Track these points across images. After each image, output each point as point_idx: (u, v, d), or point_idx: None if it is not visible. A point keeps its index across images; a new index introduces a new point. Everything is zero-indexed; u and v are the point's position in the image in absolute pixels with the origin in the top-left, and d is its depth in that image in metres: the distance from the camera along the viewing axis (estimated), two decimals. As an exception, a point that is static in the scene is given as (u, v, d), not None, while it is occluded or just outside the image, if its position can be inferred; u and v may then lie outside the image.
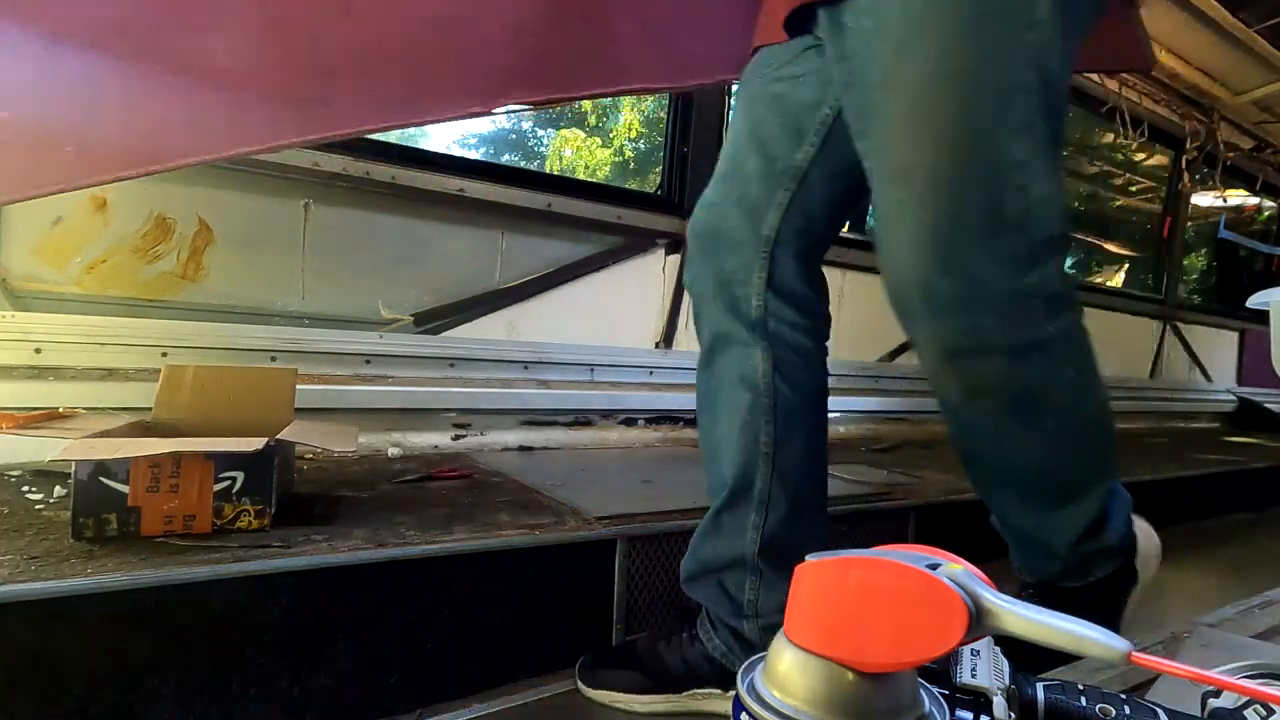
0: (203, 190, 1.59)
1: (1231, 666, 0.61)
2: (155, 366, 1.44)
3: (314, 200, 1.72)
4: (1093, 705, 0.49)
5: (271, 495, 0.92)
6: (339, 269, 1.75)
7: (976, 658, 0.50)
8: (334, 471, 1.35)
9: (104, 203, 1.49)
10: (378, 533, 0.95)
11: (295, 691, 0.83)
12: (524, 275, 2.02)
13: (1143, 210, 4.82)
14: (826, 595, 0.40)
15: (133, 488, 0.85)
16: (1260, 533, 2.25)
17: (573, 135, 3.60)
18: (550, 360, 2.02)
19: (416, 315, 1.86)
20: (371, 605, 0.88)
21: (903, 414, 2.79)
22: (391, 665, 0.89)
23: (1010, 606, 0.38)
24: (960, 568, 0.40)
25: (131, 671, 0.75)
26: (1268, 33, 3.10)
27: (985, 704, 0.47)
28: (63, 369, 1.41)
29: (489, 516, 1.08)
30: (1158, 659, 0.37)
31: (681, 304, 2.32)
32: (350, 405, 1.63)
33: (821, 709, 0.39)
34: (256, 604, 0.81)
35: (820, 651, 0.40)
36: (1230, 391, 4.56)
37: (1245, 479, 2.51)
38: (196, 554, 0.82)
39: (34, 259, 1.44)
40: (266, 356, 1.61)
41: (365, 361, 1.74)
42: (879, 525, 1.42)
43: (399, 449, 1.62)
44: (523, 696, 0.93)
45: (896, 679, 0.41)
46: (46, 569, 0.75)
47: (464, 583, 0.95)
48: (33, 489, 1.07)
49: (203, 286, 1.61)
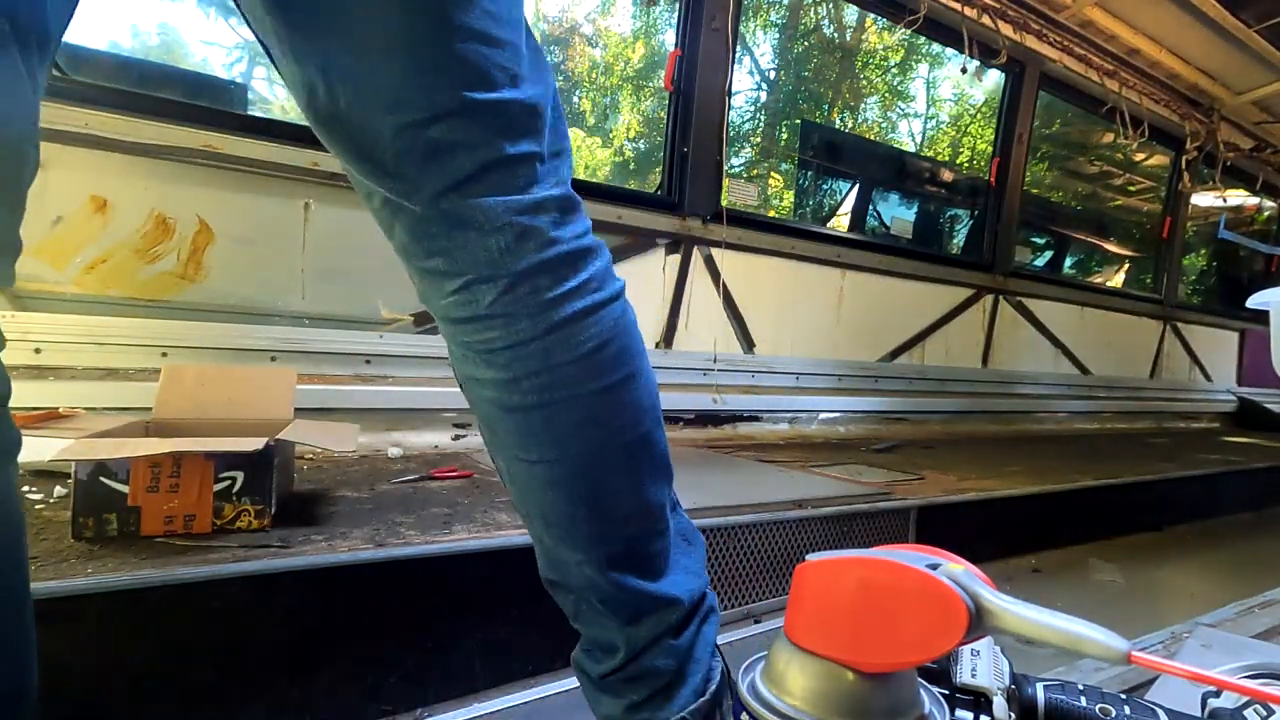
0: (203, 190, 1.59)
1: (1231, 666, 0.61)
2: (155, 366, 1.45)
3: (314, 200, 1.72)
4: (1093, 705, 0.49)
5: (271, 495, 0.92)
6: (339, 269, 1.75)
7: (976, 658, 0.50)
8: (334, 471, 1.35)
9: (104, 203, 1.49)
10: (378, 533, 0.95)
11: (295, 691, 0.83)
12: (524, 275, 2.02)
13: (1143, 210, 4.82)
14: (826, 595, 0.40)
15: (133, 487, 0.85)
16: (1260, 533, 2.25)
17: (573, 135, 3.60)
18: (550, 360, 2.02)
19: (416, 315, 1.86)
20: (371, 605, 0.88)
21: (903, 414, 2.79)
22: (391, 665, 0.89)
23: (1010, 606, 0.38)
24: (960, 568, 0.40)
25: (132, 671, 0.75)
26: (1268, 33, 3.11)
27: (985, 704, 0.47)
28: (63, 369, 1.41)
29: (489, 516, 1.08)
30: (1158, 659, 0.37)
31: (681, 304, 2.32)
32: (350, 405, 1.63)
33: (821, 709, 0.39)
34: (256, 604, 0.81)
35: (820, 651, 0.40)
36: (1230, 391, 4.56)
37: (1245, 479, 2.51)
38: (196, 554, 0.82)
39: (34, 259, 1.44)
40: (266, 356, 1.61)
41: (365, 361, 1.74)
42: (879, 525, 1.42)
43: (399, 449, 1.62)
44: (523, 696, 0.93)
45: (896, 679, 0.41)
46: (46, 569, 0.75)
47: (464, 583, 0.95)
48: (33, 489, 1.07)
49: (203, 286, 1.60)
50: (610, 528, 0.59)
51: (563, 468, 0.57)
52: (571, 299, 0.55)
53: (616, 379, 0.57)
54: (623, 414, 0.58)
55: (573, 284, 0.55)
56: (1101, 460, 2.43)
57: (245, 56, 4.81)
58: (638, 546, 0.60)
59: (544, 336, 0.54)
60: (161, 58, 3.53)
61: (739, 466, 1.76)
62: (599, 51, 14.38)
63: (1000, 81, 3.36)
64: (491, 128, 0.52)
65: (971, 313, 3.20)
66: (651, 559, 0.61)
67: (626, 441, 0.58)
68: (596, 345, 0.56)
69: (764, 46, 12.27)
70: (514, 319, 0.54)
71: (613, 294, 0.58)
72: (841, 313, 2.77)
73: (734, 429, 2.32)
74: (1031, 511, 1.76)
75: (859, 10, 5.01)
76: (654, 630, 0.60)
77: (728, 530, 1.20)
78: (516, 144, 0.53)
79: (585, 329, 0.56)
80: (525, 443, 0.57)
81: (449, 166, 0.52)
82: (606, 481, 0.58)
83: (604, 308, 0.57)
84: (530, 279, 0.54)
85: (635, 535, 0.60)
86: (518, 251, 0.53)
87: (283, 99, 6.20)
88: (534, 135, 0.55)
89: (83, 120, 1.44)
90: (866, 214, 3.73)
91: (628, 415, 0.58)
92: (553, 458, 0.57)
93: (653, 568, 0.61)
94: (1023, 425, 3.26)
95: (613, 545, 0.59)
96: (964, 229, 3.94)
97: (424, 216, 0.54)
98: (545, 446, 0.57)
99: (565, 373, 0.55)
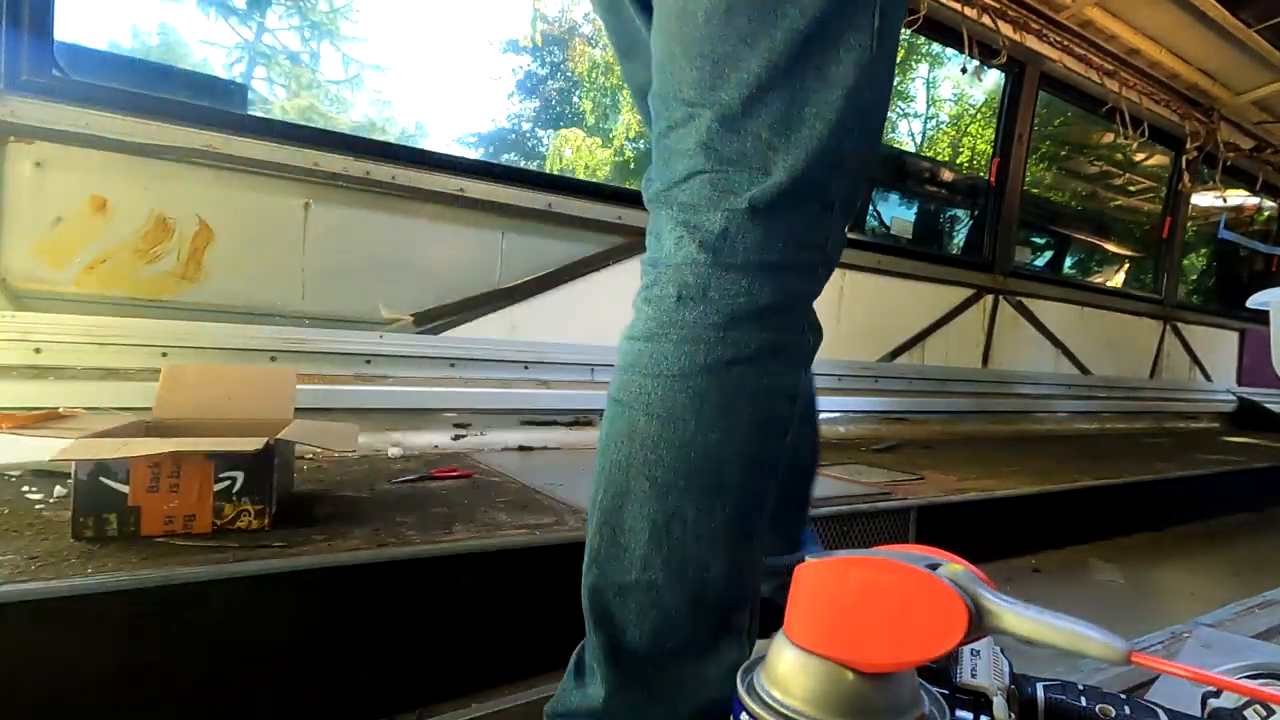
0: (203, 190, 1.59)
1: (1231, 666, 0.61)
2: (155, 366, 1.45)
3: (314, 200, 1.71)
4: (1093, 705, 0.49)
5: (271, 495, 0.92)
6: (339, 269, 1.75)
7: (976, 658, 0.50)
8: (334, 471, 1.35)
9: (104, 203, 1.49)
10: (378, 533, 0.95)
11: (295, 691, 0.83)
12: (524, 275, 2.02)
13: (1143, 210, 4.82)
14: (826, 595, 0.40)
15: (133, 487, 0.85)
16: (1260, 533, 2.25)
17: (573, 135, 3.59)
18: (550, 360, 2.02)
19: (416, 315, 1.86)
20: (371, 605, 0.88)
21: (903, 414, 2.79)
22: (391, 665, 0.89)
23: (1010, 606, 0.38)
24: (960, 568, 0.40)
25: (132, 671, 0.75)
26: (1268, 33, 3.10)
27: (985, 704, 0.47)
28: (63, 369, 1.41)
29: (489, 516, 1.08)
30: (1158, 659, 0.37)
31: (681, 304, 2.32)
32: (350, 405, 1.63)
33: (821, 709, 0.39)
34: (256, 604, 0.81)
35: (820, 651, 0.40)
36: (1230, 391, 4.55)
37: (1245, 479, 2.51)
38: (196, 554, 0.82)
39: (34, 259, 1.44)
40: (266, 356, 1.61)
41: (365, 361, 1.74)
42: (879, 525, 1.42)
43: (399, 449, 1.62)
44: (523, 696, 0.93)
45: (896, 679, 0.41)
46: (46, 569, 0.75)
47: (464, 583, 0.95)
48: (33, 489, 1.07)
49: (203, 286, 1.60)
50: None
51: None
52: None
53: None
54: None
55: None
56: (1101, 460, 2.43)
57: (245, 56, 4.80)
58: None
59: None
60: (162, 58, 3.53)
61: (739, 466, 1.75)
62: (599, 51, 14.41)
63: (1000, 81, 3.36)
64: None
65: (971, 313, 3.20)
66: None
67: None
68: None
69: (764, 46, 12.28)
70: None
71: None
72: (841, 313, 2.77)
73: (734, 429, 2.32)
74: (1031, 511, 1.75)
75: (859, 10, 5.02)
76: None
77: (728, 530, 1.20)
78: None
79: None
80: None
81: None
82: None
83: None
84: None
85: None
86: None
87: (282, 99, 6.04)
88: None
89: (83, 120, 1.44)
90: (866, 214, 3.72)
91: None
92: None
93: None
94: (1023, 425, 3.26)
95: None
96: (964, 229, 3.94)
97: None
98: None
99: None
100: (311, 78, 14.67)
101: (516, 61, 16.45)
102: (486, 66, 32.49)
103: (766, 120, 0.58)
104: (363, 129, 14.54)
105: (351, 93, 15.26)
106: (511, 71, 16.61)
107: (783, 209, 0.59)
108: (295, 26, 14.33)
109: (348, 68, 15.04)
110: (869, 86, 0.59)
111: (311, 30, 14.45)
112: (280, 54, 14.13)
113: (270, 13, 13.83)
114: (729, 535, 0.59)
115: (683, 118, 0.61)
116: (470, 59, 37.39)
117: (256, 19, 13.56)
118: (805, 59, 0.58)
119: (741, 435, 0.59)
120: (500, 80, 17.24)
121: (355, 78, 15.16)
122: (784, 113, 0.58)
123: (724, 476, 0.59)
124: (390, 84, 29.58)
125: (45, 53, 1.43)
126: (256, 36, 13.72)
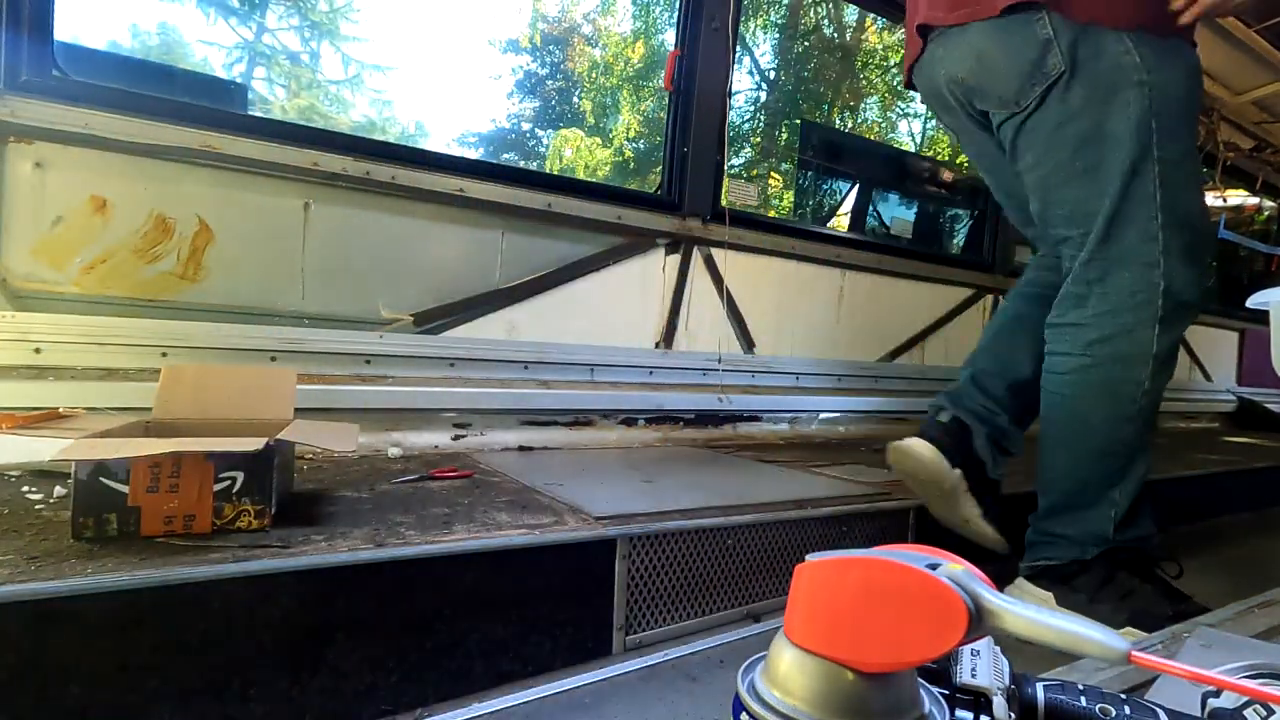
0: (202, 190, 1.59)
1: (1231, 666, 0.61)
2: (155, 366, 1.45)
3: (314, 200, 1.72)
4: (1093, 705, 0.49)
5: (271, 495, 0.92)
6: (339, 269, 1.75)
7: (976, 658, 0.50)
8: (334, 471, 1.35)
9: (104, 203, 1.49)
10: (378, 533, 0.95)
11: (295, 691, 0.83)
12: (524, 275, 2.03)
13: (1142, 210, 4.81)
14: (826, 595, 0.40)
15: (133, 488, 0.85)
16: (1260, 533, 2.25)
17: (573, 135, 3.58)
18: (550, 360, 2.02)
19: (416, 315, 1.86)
20: (371, 605, 0.88)
21: (903, 414, 2.79)
22: (391, 665, 0.89)
23: (1010, 606, 0.38)
24: (960, 568, 0.40)
25: (131, 671, 0.75)
26: (1267, 33, 3.10)
27: (985, 704, 0.47)
28: (63, 369, 1.41)
29: (489, 516, 1.08)
30: (1158, 659, 0.37)
31: (681, 304, 2.32)
32: (350, 405, 1.63)
33: (821, 709, 0.39)
34: (256, 604, 0.81)
35: (820, 651, 0.40)
36: (1230, 391, 4.55)
37: (1245, 479, 2.51)
38: (196, 554, 0.82)
39: (34, 259, 1.44)
40: (266, 356, 1.61)
41: (365, 361, 1.75)
42: (879, 525, 1.42)
43: (399, 449, 1.62)
44: (523, 696, 0.93)
45: (896, 679, 0.41)
46: (46, 569, 0.75)
47: (464, 583, 0.95)
48: (33, 489, 1.07)
49: (203, 286, 1.61)
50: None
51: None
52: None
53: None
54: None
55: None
56: (1101, 460, 2.42)
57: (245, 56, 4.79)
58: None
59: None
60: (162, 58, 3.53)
61: (739, 466, 1.76)
62: (599, 51, 14.39)
63: (1000, 81, 3.35)
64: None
65: (971, 313, 3.20)
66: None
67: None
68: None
69: (764, 47, 12.27)
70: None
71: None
72: (841, 312, 2.77)
73: (734, 429, 2.32)
74: (1031, 511, 1.75)
75: (859, 10, 4.99)
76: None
77: (728, 530, 1.20)
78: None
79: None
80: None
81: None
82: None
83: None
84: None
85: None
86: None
87: (282, 99, 5.99)
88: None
89: (83, 120, 1.44)
90: (866, 214, 3.73)
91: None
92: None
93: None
94: (1023, 425, 3.25)
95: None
96: (964, 229, 3.94)
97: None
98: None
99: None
100: (311, 78, 14.69)
101: (516, 61, 16.47)
102: (486, 66, 32.45)
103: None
104: (363, 129, 14.55)
105: (351, 93, 15.28)
106: (511, 71, 16.63)
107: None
108: (295, 26, 14.35)
109: (348, 68, 15.07)
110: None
111: (311, 30, 14.46)
112: (280, 54, 14.15)
113: (270, 13, 13.84)
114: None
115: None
116: (470, 59, 37.36)
117: (256, 19, 13.58)
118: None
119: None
120: (500, 80, 17.24)
121: (355, 78, 15.18)
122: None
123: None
124: (390, 84, 29.58)
125: (45, 53, 1.44)
126: (256, 36, 13.73)
